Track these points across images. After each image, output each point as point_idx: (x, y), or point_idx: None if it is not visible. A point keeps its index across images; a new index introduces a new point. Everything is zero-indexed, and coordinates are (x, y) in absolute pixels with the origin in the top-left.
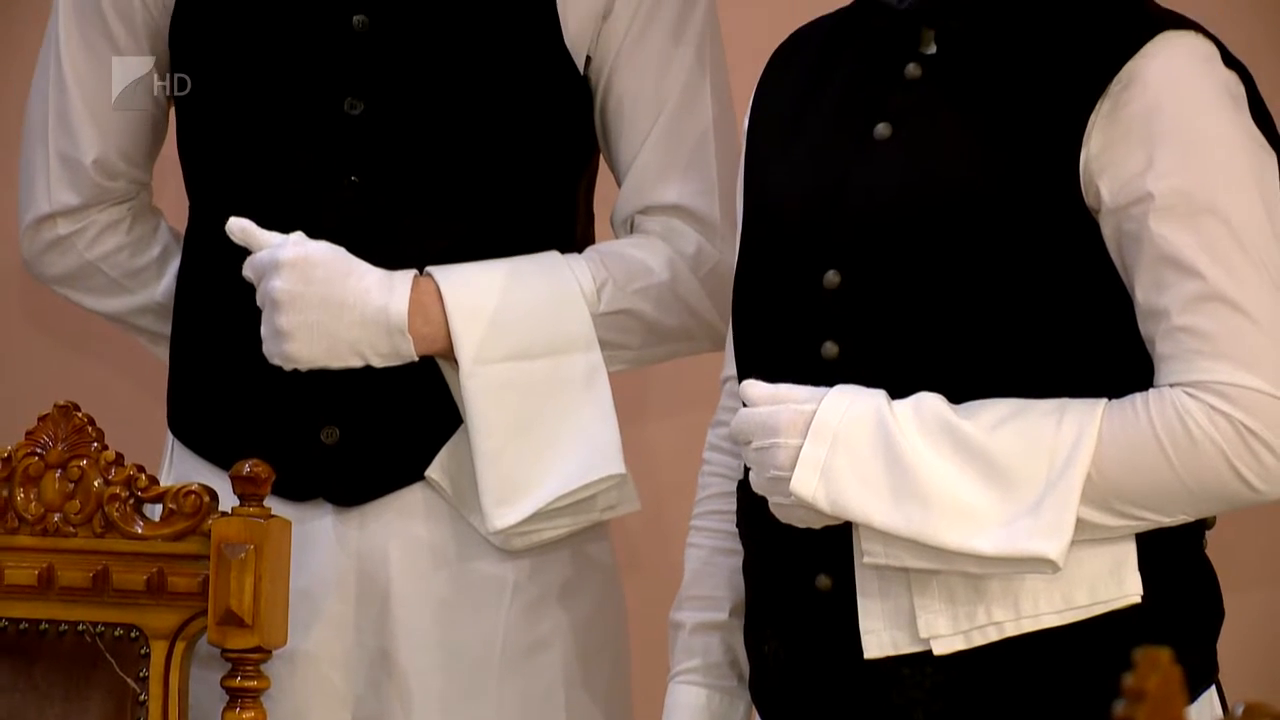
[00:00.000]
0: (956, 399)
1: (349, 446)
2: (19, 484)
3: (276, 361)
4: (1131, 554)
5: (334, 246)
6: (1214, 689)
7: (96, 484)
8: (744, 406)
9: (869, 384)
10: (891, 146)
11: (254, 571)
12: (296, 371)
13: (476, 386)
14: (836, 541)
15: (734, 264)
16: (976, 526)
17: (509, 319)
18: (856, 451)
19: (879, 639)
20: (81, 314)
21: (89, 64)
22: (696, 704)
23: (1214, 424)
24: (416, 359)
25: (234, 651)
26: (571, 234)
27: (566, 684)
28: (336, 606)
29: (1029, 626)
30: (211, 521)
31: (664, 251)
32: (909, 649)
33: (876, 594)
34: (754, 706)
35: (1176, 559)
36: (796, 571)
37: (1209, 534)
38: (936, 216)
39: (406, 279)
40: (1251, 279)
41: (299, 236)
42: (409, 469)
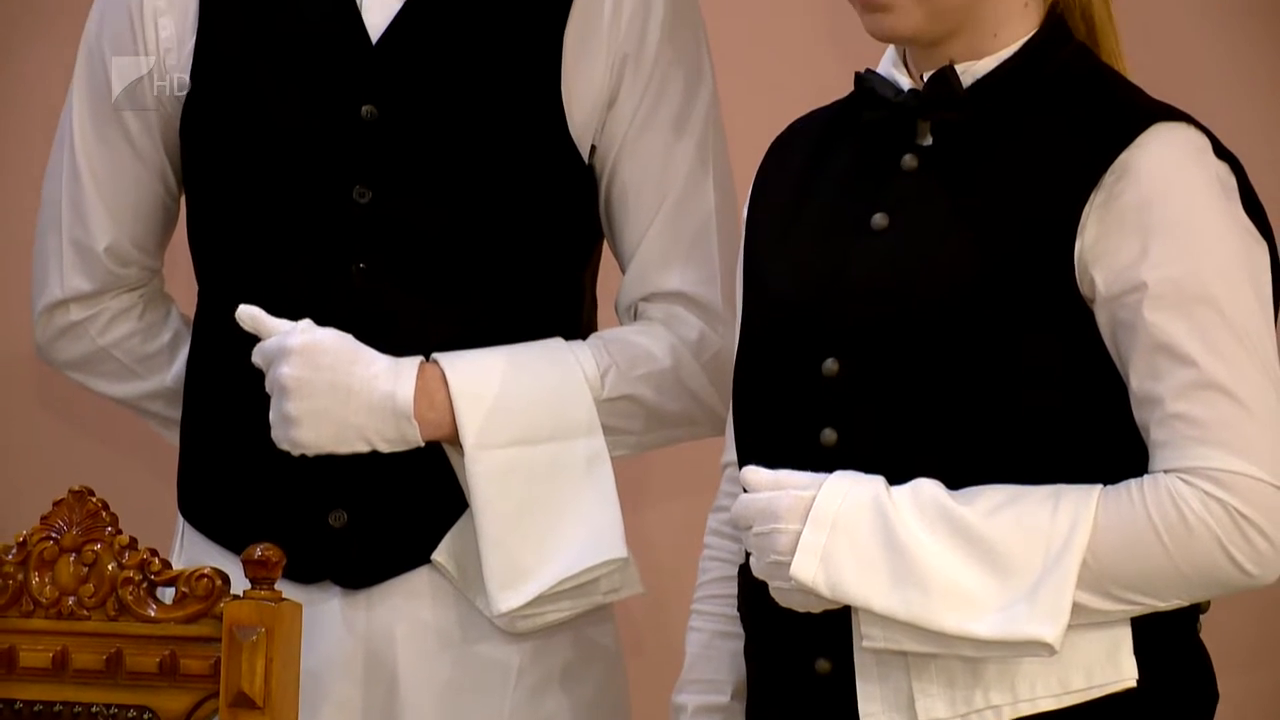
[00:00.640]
0: (954, 485)
1: (356, 530)
2: (34, 568)
3: (285, 447)
4: (1127, 638)
5: (341, 333)
6: None
7: (110, 568)
8: (744, 492)
9: (868, 470)
10: (889, 236)
11: (265, 654)
12: (305, 456)
13: (481, 471)
14: (836, 626)
15: (735, 350)
16: (974, 611)
17: (513, 405)
18: (855, 537)
19: None
20: (94, 399)
21: (102, 153)
22: None
23: (1208, 510)
24: (422, 444)
25: None
26: (576, 320)
27: None
28: (344, 688)
29: (1026, 710)
30: (223, 604)
31: (667, 338)
32: None
33: (875, 678)
34: None
35: (1171, 642)
36: (796, 655)
37: (1203, 617)
38: (933, 305)
39: (412, 365)
40: (1244, 367)
41: (307, 324)
42: (415, 552)
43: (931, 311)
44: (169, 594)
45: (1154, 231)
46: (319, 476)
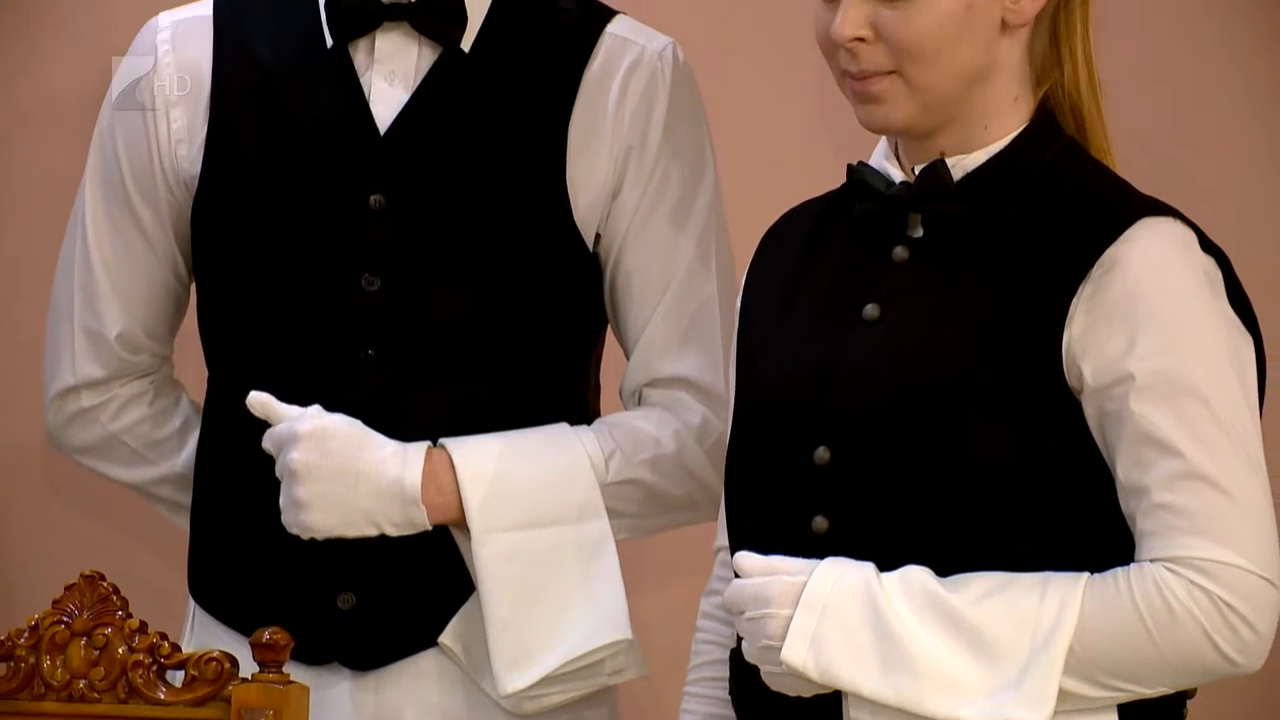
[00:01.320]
0: (943, 572)
1: (365, 612)
2: (45, 651)
3: (295, 531)
4: None
5: (350, 419)
6: None
7: (121, 651)
8: (737, 576)
9: (858, 557)
10: (880, 327)
11: None
12: (314, 540)
13: (488, 554)
14: (826, 710)
15: None
16: (962, 696)
17: (519, 489)
18: (846, 622)
19: None
20: (105, 484)
21: (114, 243)
22: None
23: (1193, 599)
24: (430, 528)
25: None
26: (581, 405)
27: None
28: None
29: None
30: (232, 687)
31: (670, 423)
32: None
33: None
34: None
35: None
36: None
37: (1190, 703)
38: (923, 396)
39: (420, 450)
40: (1229, 458)
41: (316, 409)
42: (423, 635)
43: (922, 402)
44: (179, 677)
45: (1141, 324)
46: (327, 560)
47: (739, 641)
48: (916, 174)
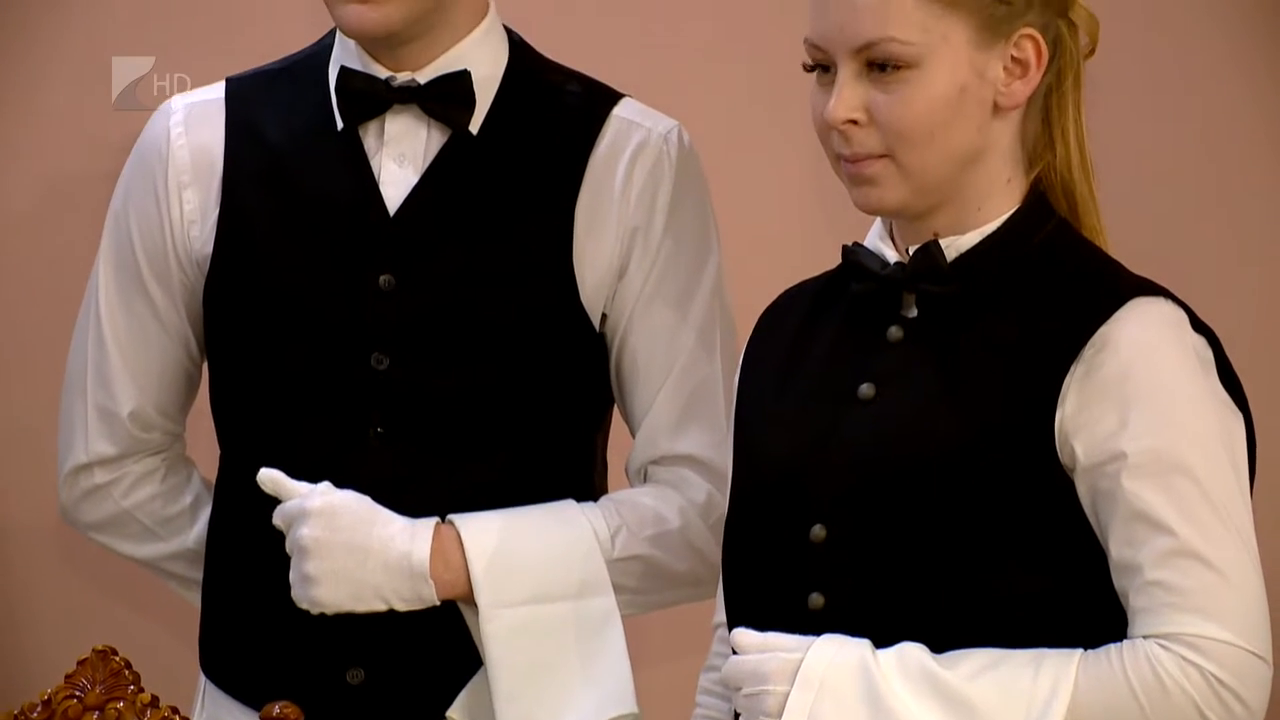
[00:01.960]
0: (938, 648)
1: (374, 687)
2: None
3: (305, 606)
4: None
5: (359, 496)
6: None
7: None
8: (734, 653)
9: (854, 633)
10: (875, 406)
11: None
12: (323, 615)
13: (495, 629)
14: None
15: None
16: None
17: (526, 565)
18: (841, 698)
19: None
20: (117, 559)
21: (127, 322)
22: None
23: (1185, 675)
24: (438, 603)
25: None
26: (588, 482)
27: None
28: None
29: None
30: None
31: (675, 500)
32: None
33: None
34: None
35: None
36: None
37: None
38: (918, 474)
39: (428, 526)
40: (1220, 536)
41: (326, 486)
42: (431, 709)
43: (916, 481)
44: None
45: (1133, 403)
46: (337, 635)
47: (737, 717)
48: (911, 254)
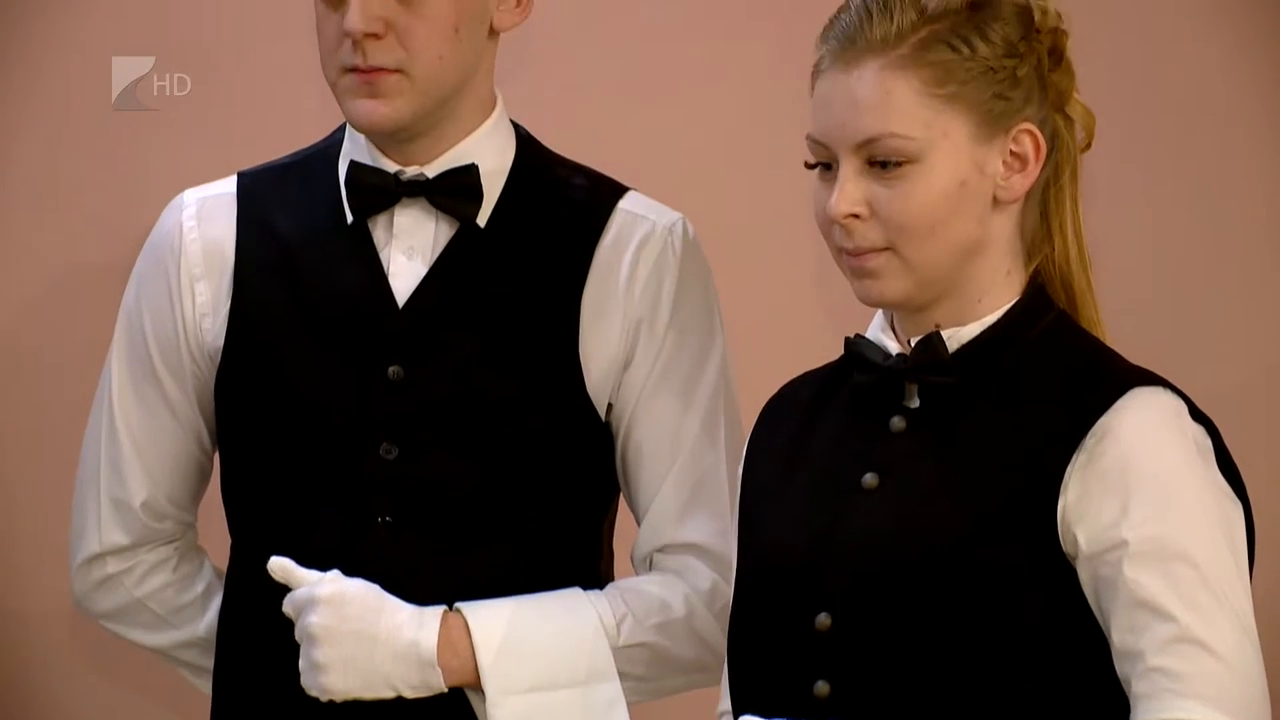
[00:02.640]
0: None
1: None
2: None
3: (314, 693)
4: None
5: (368, 584)
6: None
7: None
8: None
9: None
10: (879, 496)
11: None
12: (333, 702)
13: (503, 716)
14: None
15: None
16: None
17: (533, 652)
18: None
19: None
20: (128, 647)
21: (140, 414)
22: None
23: None
24: (446, 690)
25: None
26: (595, 571)
27: None
28: None
29: None
30: None
31: (681, 588)
32: None
33: None
34: None
35: None
36: None
37: None
38: (922, 563)
39: (436, 615)
40: (1221, 623)
41: (335, 574)
42: None
43: (920, 570)
44: None
45: (1134, 492)
46: None
47: None
48: (912, 346)
